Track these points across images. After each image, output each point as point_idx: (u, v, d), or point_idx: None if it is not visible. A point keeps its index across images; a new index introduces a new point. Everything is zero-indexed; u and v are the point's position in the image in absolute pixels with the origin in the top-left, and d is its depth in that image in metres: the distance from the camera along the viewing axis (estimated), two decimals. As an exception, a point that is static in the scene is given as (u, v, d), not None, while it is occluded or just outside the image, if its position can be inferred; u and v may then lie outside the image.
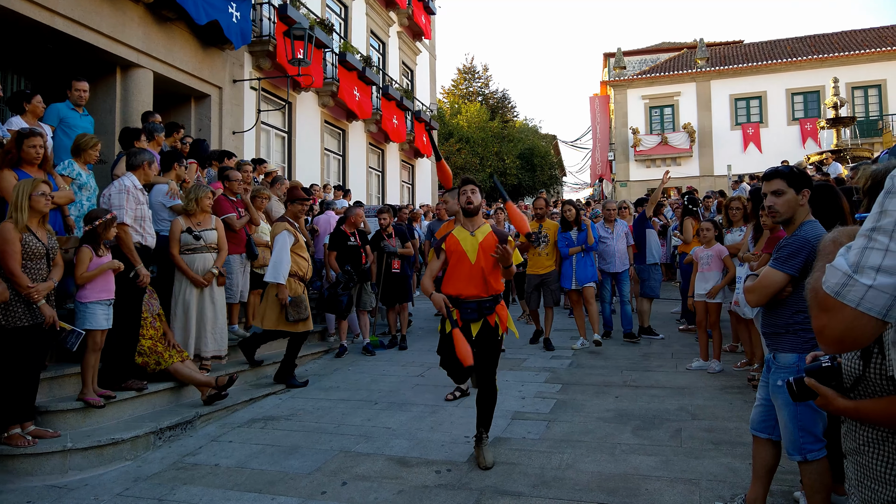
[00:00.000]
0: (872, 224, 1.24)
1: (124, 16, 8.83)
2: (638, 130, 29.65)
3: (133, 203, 5.36)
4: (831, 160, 16.68)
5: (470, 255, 4.28)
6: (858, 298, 1.21)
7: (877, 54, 26.93)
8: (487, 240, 4.32)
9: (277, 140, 13.89)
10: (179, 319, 5.95)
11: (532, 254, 8.11)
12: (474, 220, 4.40)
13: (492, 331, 4.28)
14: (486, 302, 4.26)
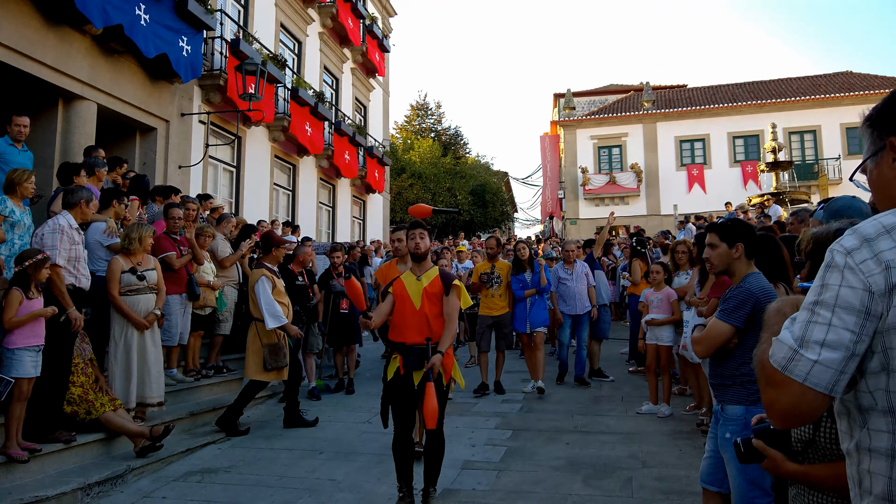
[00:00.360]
0: (815, 297, 1.25)
1: (70, 47, 8.58)
2: (587, 169, 30.34)
3: (67, 243, 5.11)
4: (772, 202, 17.33)
5: (414, 300, 4.18)
6: (805, 373, 1.21)
7: (811, 101, 28.41)
8: (433, 284, 4.23)
9: (225, 175, 13.64)
10: (121, 365, 5.65)
11: (485, 294, 7.97)
12: (422, 265, 4.31)
13: (435, 380, 4.11)
14: (429, 349, 4.13)
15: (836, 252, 1.24)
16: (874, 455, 1.23)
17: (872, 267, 1.19)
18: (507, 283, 7.94)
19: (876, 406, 1.22)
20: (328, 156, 17.22)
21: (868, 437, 1.24)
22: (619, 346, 10.51)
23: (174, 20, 9.94)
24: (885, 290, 1.18)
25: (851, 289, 1.20)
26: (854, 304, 1.19)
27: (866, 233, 1.22)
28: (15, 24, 7.72)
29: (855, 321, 1.19)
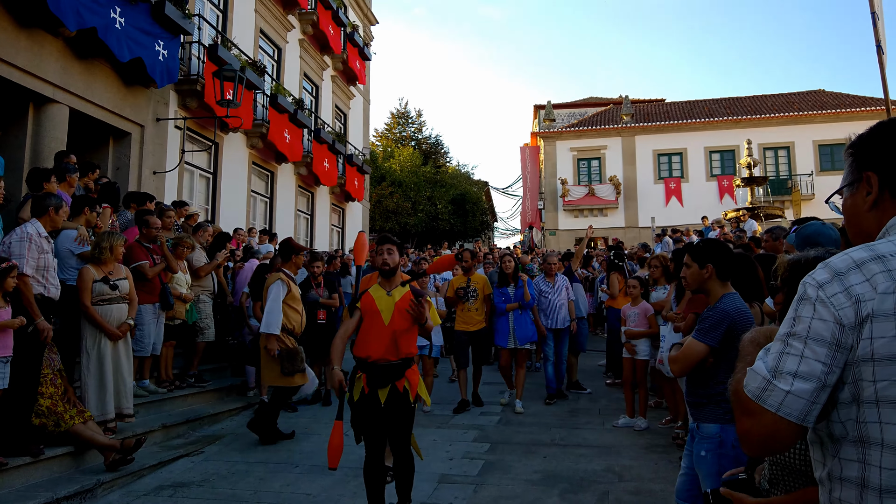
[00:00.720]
0: (788, 329, 1.29)
1: (42, 49, 8.40)
2: (566, 181, 30.52)
3: (36, 252, 4.98)
4: (748, 217, 17.56)
5: (384, 316, 4.06)
6: (778, 403, 1.24)
7: (785, 118, 29.00)
8: (404, 300, 4.10)
9: (202, 181, 13.46)
10: (94, 376, 5.52)
11: (461, 309, 7.75)
12: (391, 280, 4.19)
13: (401, 397, 4.00)
14: (394, 366, 4.00)
15: (809, 285, 1.28)
16: (845, 484, 1.26)
17: (843, 300, 1.23)
18: (483, 297, 7.75)
19: (847, 436, 1.26)
20: (307, 163, 17.09)
21: (839, 467, 1.27)
22: (596, 359, 10.52)
23: (150, 24, 9.80)
24: (855, 322, 1.22)
25: (823, 321, 1.24)
26: (825, 337, 1.23)
27: (837, 267, 1.26)
28: (-15, 26, 7.54)
29: (826, 353, 1.23)
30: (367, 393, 3.98)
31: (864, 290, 1.22)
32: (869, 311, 1.21)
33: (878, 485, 1.21)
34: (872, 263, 1.24)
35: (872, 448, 1.22)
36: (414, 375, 4.11)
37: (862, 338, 1.22)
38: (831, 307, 1.24)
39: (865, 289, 1.22)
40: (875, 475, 1.21)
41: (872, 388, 1.22)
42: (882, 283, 1.22)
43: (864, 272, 1.24)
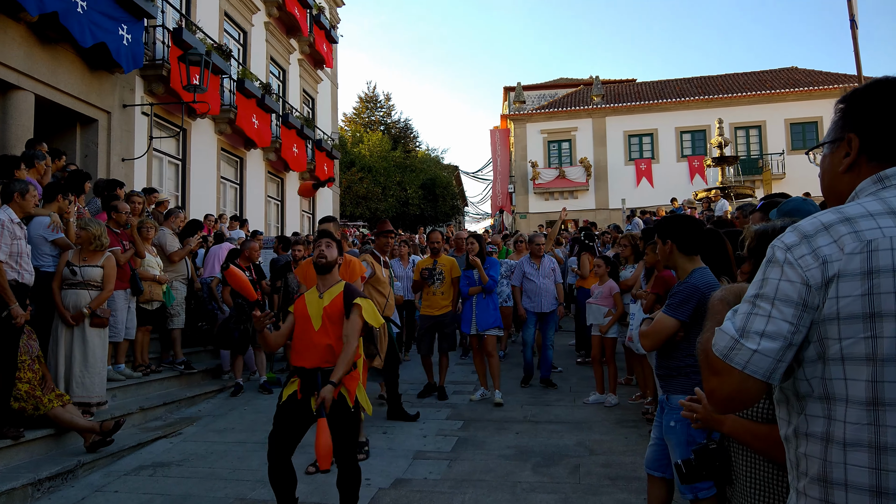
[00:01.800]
0: (756, 291, 1.33)
1: (4, 35, 8.28)
2: (537, 164, 30.72)
3: (9, 238, 4.99)
4: (719, 197, 17.88)
5: (314, 321, 3.77)
6: (744, 362, 1.28)
7: (756, 97, 29.26)
8: (334, 304, 3.79)
9: (171, 168, 13.37)
10: (53, 357, 5.61)
11: (426, 293, 7.36)
12: (326, 279, 3.87)
13: (338, 404, 3.66)
14: (329, 371, 3.69)
15: (777, 248, 1.32)
16: (810, 439, 1.31)
17: (810, 262, 1.27)
18: (450, 280, 7.34)
19: (812, 393, 1.30)
20: (276, 149, 17.03)
21: (805, 423, 1.32)
22: (567, 338, 10.76)
23: (113, 8, 9.65)
24: (822, 283, 1.25)
25: (790, 282, 1.28)
26: (792, 297, 1.27)
27: (805, 230, 1.30)
28: (-55, 11, 7.42)
29: (793, 313, 1.27)
30: (300, 399, 3.72)
31: (832, 252, 1.25)
32: (835, 271, 1.24)
33: (842, 439, 1.25)
34: (840, 225, 1.27)
35: (837, 404, 1.26)
36: (352, 382, 3.79)
37: (828, 297, 1.25)
38: (798, 269, 1.27)
39: (833, 250, 1.26)
40: (839, 430, 1.26)
41: (838, 345, 1.25)
42: (849, 244, 1.25)
43: (831, 234, 1.27)
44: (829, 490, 1.27)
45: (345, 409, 3.69)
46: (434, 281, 7.28)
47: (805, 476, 1.32)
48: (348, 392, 3.73)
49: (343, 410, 3.69)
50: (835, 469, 1.26)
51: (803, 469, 1.32)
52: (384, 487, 4.67)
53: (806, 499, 1.31)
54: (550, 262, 7.92)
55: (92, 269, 5.77)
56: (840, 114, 1.41)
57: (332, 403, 3.60)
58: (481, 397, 7.22)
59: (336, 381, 3.61)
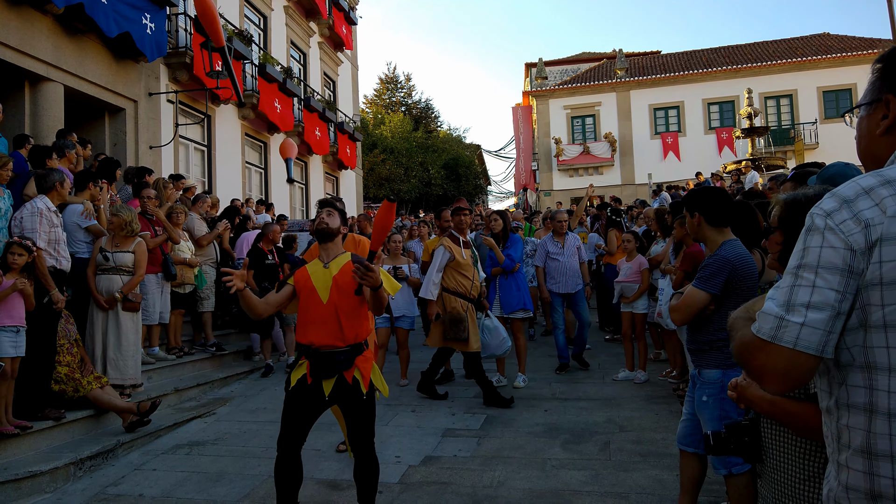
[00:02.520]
0: (797, 262, 1.28)
1: (32, 27, 8.45)
2: (560, 140, 30.40)
3: (47, 226, 5.18)
4: (749, 169, 17.53)
5: (321, 293, 3.40)
6: (794, 338, 1.23)
7: (787, 65, 28.39)
8: (344, 273, 3.40)
9: (197, 154, 13.56)
10: (90, 341, 5.80)
11: None
12: (329, 248, 3.53)
13: (351, 389, 3.37)
14: (340, 353, 3.36)
15: (816, 215, 1.28)
16: (853, 410, 1.26)
17: (852, 226, 1.23)
18: None
19: (854, 362, 1.26)
20: (298, 132, 17.13)
21: (846, 394, 1.28)
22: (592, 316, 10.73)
23: (136, -3, 9.80)
24: (866, 247, 1.22)
25: (833, 249, 1.23)
26: (837, 264, 1.23)
27: (845, 195, 1.26)
28: (-25, 6, 7.59)
29: (839, 280, 1.22)
30: (310, 383, 3.38)
31: (874, 215, 1.22)
32: (878, 235, 1.21)
33: (886, 409, 1.21)
34: (882, 188, 1.24)
35: (879, 373, 1.23)
36: (366, 363, 3.47)
37: (871, 262, 1.22)
38: (840, 234, 1.23)
39: (875, 213, 1.22)
40: (883, 400, 1.22)
41: (880, 312, 1.22)
42: (891, 206, 1.22)
43: (872, 197, 1.23)
44: (873, 462, 1.23)
45: (357, 395, 3.38)
46: None
47: (847, 448, 1.28)
48: (362, 375, 3.41)
49: (356, 396, 3.38)
50: (879, 440, 1.22)
51: (845, 441, 1.28)
52: (414, 465, 4.75)
53: (848, 472, 1.27)
54: (575, 239, 7.57)
55: (123, 255, 5.92)
56: (878, 74, 1.36)
57: (343, 387, 3.36)
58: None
59: None
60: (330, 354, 3.35)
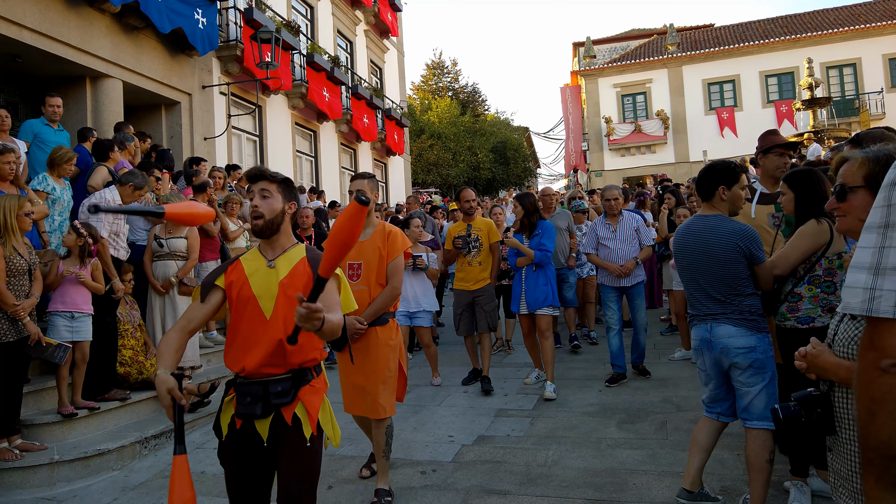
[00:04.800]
0: (880, 220, 1.15)
1: (91, 26, 8.77)
2: (611, 119, 29.85)
3: (111, 216, 5.39)
4: (811, 141, 16.85)
5: (263, 304, 2.45)
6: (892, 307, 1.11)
7: (850, 32, 27.05)
8: (294, 275, 2.49)
9: (249, 144, 13.86)
10: (150, 325, 6.02)
11: (461, 263, 6.31)
12: (273, 242, 2.57)
13: (290, 432, 2.42)
14: (279, 383, 2.42)
15: None
16: None
17: None
18: (489, 247, 6.25)
19: None
20: (347, 120, 17.31)
21: None
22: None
23: (188, -7, 10.06)
24: None
25: None
26: None
27: None
28: (38, 7, 7.92)
29: None
30: (239, 428, 2.46)
31: None
32: None
33: None
34: None
35: None
36: (314, 397, 2.47)
37: None
38: None
39: None
40: None
41: None
42: None
43: None
44: None
45: (298, 440, 2.42)
46: (469, 249, 6.20)
47: None
48: (307, 412, 2.44)
49: (296, 440, 2.42)
50: None
51: None
52: (467, 444, 4.78)
53: None
54: (633, 220, 6.29)
55: (177, 241, 6.11)
56: None
57: (281, 429, 2.43)
58: (537, 380, 6.21)
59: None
60: (263, 385, 2.41)
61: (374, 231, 3.86)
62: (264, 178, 2.56)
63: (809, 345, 1.73)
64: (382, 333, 3.79)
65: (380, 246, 3.81)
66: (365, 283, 3.81)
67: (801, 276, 3.31)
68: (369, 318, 3.74)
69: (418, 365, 7.52)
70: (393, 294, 3.80)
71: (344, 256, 1.98)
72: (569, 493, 3.83)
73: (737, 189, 3.35)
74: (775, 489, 3.60)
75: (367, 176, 3.86)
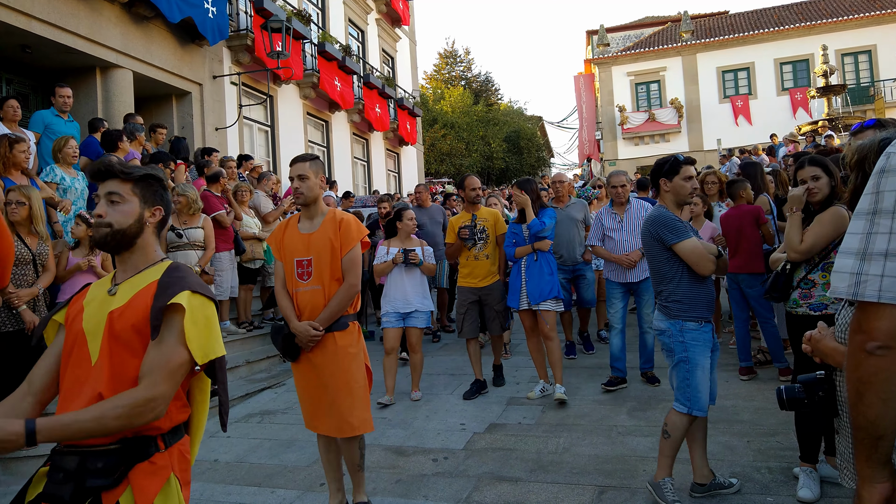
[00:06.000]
0: (870, 206, 1.17)
1: (101, 16, 8.77)
2: (625, 108, 29.63)
3: None
4: (826, 129, 16.67)
5: (91, 343, 1.81)
6: (877, 291, 1.12)
7: (866, 19, 26.66)
8: (133, 305, 1.81)
9: (260, 134, 13.86)
10: None
11: (465, 258, 5.68)
12: (125, 260, 1.92)
13: None
14: (100, 457, 1.73)
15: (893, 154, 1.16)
16: None
17: None
18: (496, 239, 5.68)
19: None
20: (359, 110, 17.27)
21: None
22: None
23: (197, -18, 10.03)
24: None
25: None
26: None
27: None
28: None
29: None
30: None
31: None
32: None
33: None
34: None
35: None
36: (151, 480, 1.77)
37: None
38: None
39: None
40: None
41: None
42: None
43: None
44: None
45: None
46: (475, 242, 5.62)
47: None
48: (135, 500, 1.74)
49: None
50: None
51: None
52: (479, 432, 4.77)
53: None
54: (641, 208, 5.82)
55: (195, 231, 6.13)
56: None
57: None
58: (542, 394, 5.45)
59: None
60: (81, 457, 1.73)
61: (324, 220, 3.35)
62: (114, 177, 1.91)
63: (816, 329, 1.74)
64: (342, 339, 3.26)
65: (331, 237, 3.29)
66: (318, 281, 3.28)
67: (816, 263, 3.26)
68: (325, 323, 3.23)
69: (431, 353, 7.51)
70: (350, 292, 3.29)
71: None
72: (579, 479, 3.82)
73: (678, 180, 3.41)
74: (784, 475, 3.60)
75: (308, 158, 3.36)
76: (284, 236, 3.40)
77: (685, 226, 3.35)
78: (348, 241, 3.31)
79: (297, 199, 3.33)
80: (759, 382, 5.35)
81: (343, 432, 3.26)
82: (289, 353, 3.30)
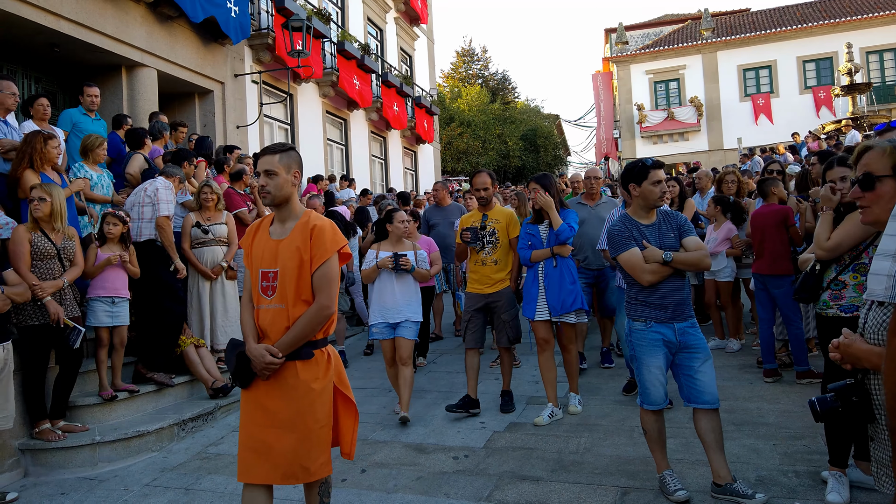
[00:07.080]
0: None
1: (127, 16, 8.90)
2: (643, 106, 29.46)
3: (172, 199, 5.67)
4: (850, 128, 16.46)
5: None
6: None
7: (891, 16, 26.28)
8: None
9: (280, 132, 13.97)
10: (196, 312, 6.06)
11: (473, 262, 5.24)
12: None
13: None
14: None
15: None
16: None
17: None
18: (507, 242, 5.18)
19: None
20: (377, 108, 17.33)
21: None
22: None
23: (220, -19, 10.13)
24: None
25: None
26: None
27: None
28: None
29: None
30: None
31: None
32: None
33: None
34: None
35: None
36: None
37: None
38: None
39: None
40: None
41: None
42: None
43: None
44: None
45: None
46: (483, 244, 5.14)
47: None
48: None
49: None
50: None
51: None
52: (499, 431, 4.79)
53: None
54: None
55: (220, 227, 6.17)
56: None
57: None
58: (550, 419, 4.89)
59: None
60: None
61: (296, 225, 2.75)
62: None
63: (842, 336, 1.71)
64: (305, 372, 2.68)
65: (300, 247, 2.69)
66: (281, 299, 2.69)
67: (847, 264, 3.22)
68: (286, 349, 2.64)
69: (448, 351, 7.54)
70: (320, 315, 2.68)
71: None
72: (601, 480, 3.81)
73: (646, 185, 3.49)
74: (812, 479, 3.56)
75: (278, 149, 2.79)
76: (254, 241, 2.84)
77: (627, 237, 3.52)
78: (321, 253, 2.69)
79: (263, 199, 2.76)
80: (783, 385, 5.31)
81: (296, 479, 2.67)
82: (240, 377, 2.70)
